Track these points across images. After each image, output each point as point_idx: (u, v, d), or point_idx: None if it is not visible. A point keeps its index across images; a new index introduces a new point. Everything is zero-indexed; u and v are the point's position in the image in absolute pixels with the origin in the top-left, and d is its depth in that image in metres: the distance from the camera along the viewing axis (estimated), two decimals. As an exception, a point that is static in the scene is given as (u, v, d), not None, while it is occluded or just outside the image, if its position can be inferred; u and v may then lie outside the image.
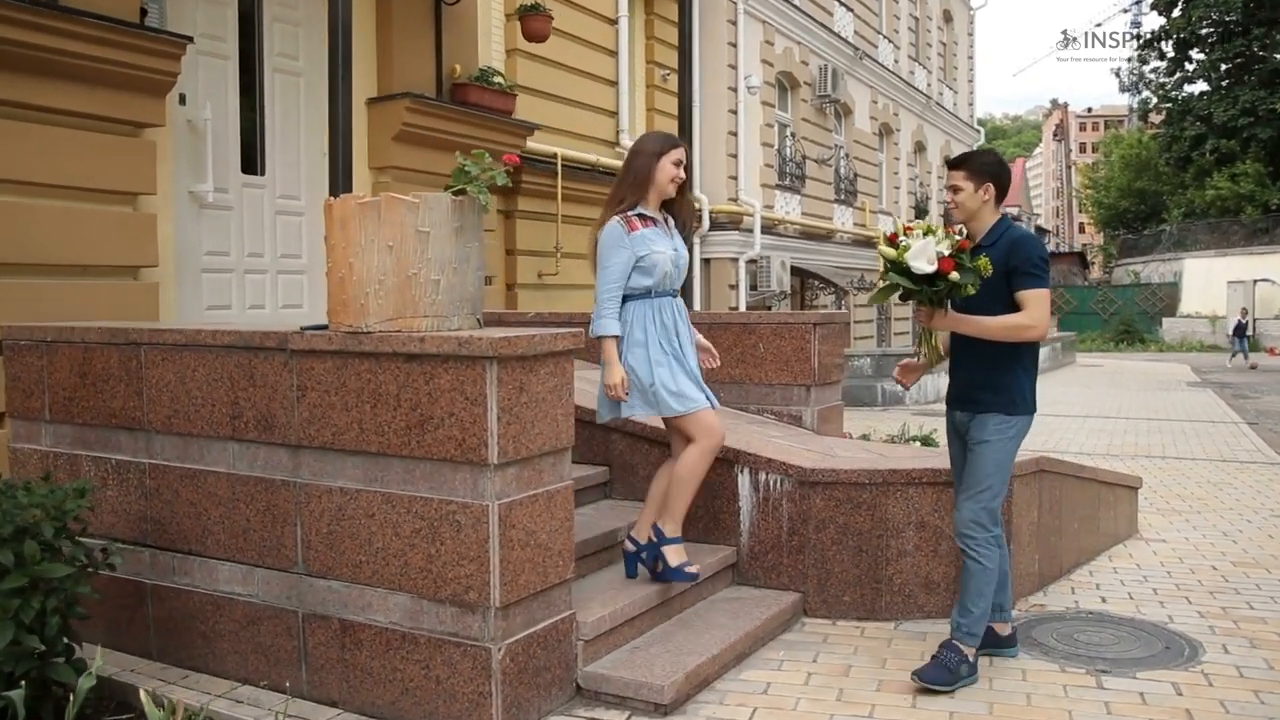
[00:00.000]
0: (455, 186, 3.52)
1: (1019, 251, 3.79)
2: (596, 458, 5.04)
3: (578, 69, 10.68)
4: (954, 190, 3.95)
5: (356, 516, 3.54)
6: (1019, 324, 3.78)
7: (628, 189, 4.08)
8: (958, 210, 3.97)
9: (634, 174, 4.07)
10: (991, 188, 3.91)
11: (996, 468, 3.86)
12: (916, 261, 3.58)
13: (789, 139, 17.06)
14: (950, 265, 3.60)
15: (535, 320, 6.46)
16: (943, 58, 26.56)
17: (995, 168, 3.95)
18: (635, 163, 4.09)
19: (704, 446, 4.05)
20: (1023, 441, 3.95)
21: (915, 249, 3.60)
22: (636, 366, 4.03)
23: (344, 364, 3.52)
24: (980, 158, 4.02)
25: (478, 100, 7.23)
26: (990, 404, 3.88)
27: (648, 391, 4.03)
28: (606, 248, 4.02)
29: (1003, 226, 3.93)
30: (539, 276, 10.09)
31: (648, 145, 4.13)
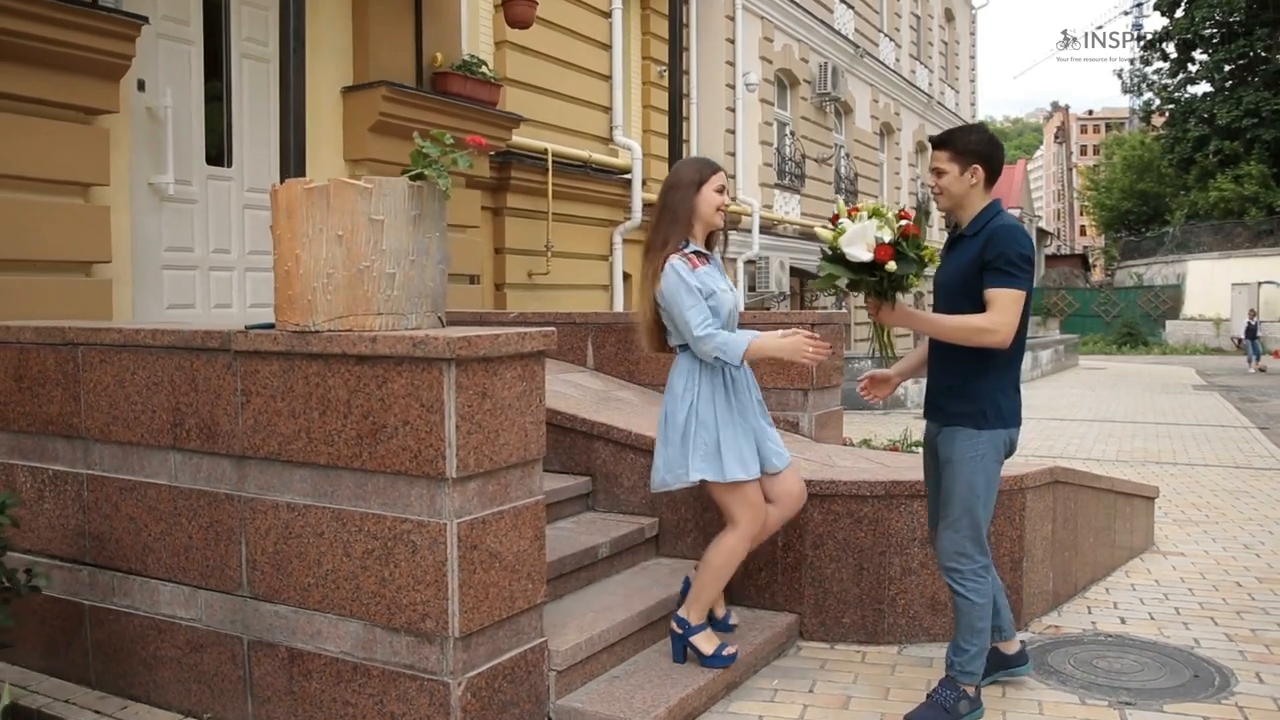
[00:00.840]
0: (413, 170, 3.18)
1: (994, 245, 3.33)
2: (577, 467, 4.71)
3: (569, 62, 10.35)
4: (937, 173, 3.50)
5: (305, 535, 3.20)
6: (978, 326, 3.32)
7: (668, 228, 3.61)
8: (942, 196, 3.51)
9: (673, 210, 3.62)
10: (980, 169, 3.44)
11: (969, 491, 3.42)
12: (852, 248, 3.19)
13: (788, 138, 16.74)
14: (888, 254, 3.18)
15: (518, 320, 6.13)
16: (944, 57, 26.25)
17: (984, 146, 3.46)
18: (673, 197, 3.64)
19: (743, 534, 3.62)
20: (1003, 459, 3.50)
21: (851, 233, 3.19)
22: (707, 420, 3.55)
23: (290, 367, 3.18)
24: (966, 135, 3.50)
25: (460, 90, 6.90)
26: (957, 415, 3.46)
27: (712, 451, 3.56)
28: (677, 290, 3.51)
29: (988, 215, 3.46)
30: (529, 276, 9.76)
31: (684, 176, 3.67)
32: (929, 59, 24.60)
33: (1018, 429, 3.52)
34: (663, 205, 3.66)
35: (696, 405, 3.56)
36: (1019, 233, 3.42)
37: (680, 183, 3.66)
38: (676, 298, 3.51)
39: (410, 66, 6.74)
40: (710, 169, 3.68)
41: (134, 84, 5.34)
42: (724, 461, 3.54)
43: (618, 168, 10.96)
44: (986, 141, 3.50)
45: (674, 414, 3.59)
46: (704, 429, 3.55)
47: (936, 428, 3.57)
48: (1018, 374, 3.54)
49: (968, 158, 3.44)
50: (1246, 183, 39.15)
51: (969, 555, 3.45)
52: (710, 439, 3.54)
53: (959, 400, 3.45)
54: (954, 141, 3.48)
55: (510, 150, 9.19)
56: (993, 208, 3.48)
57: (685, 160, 3.77)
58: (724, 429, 3.55)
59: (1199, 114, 42.71)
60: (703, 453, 3.54)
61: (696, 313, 3.48)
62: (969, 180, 3.45)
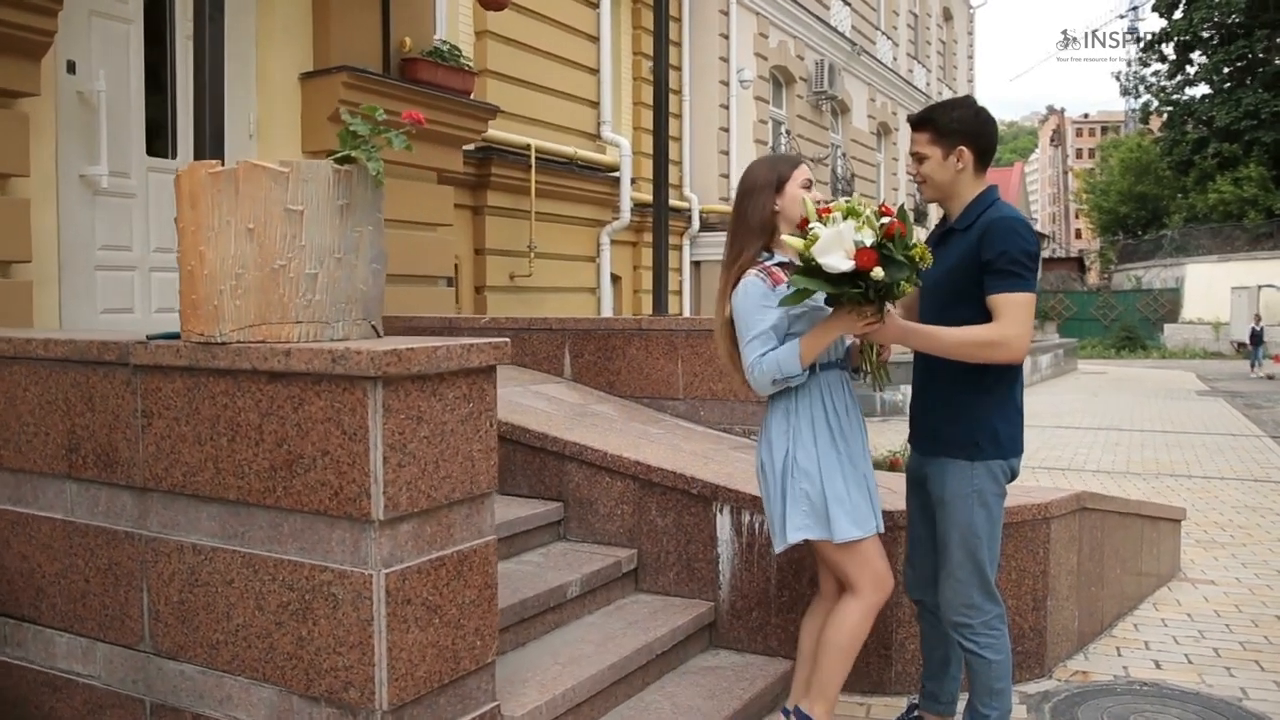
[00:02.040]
0: (340, 152, 2.69)
1: (993, 241, 2.82)
2: (548, 491, 4.22)
3: (555, 55, 9.88)
4: (918, 159, 3.01)
5: (213, 583, 2.71)
6: (986, 339, 2.81)
7: (747, 236, 3.04)
8: (926, 186, 3.03)
9: (749, 218, 3.05)
10: (966, 151, 2.93)
11: (969, 533, 2.92)
12: (828, 257, 2.63)
13: (784, 137, 16.27)
14: (871, 259, 2.62)
15: (490, 326, 5.64)
16: (942, 56, 25.81)
17: (970, 123, 2.95)
18: (749, 204, 3.07)
19: (869, 603, 3.00)
20: (1005, 489, 2.99)
21: (826, 239, 2.63)
22: (809, 469, 2.95)
23: (196, 384, 2.69)
24: (948, 111, 2.98)
25: (431, 78, 6.41)
26: (947, 444, 2.95)
27: (817, 505, 2.95)
28: (748, 310, 2.93)
29: (982, 205, 2.96)
30: (511, 278, 9.29)
31: (759, 178, 3.09)
32: (927, 58, 24.15)
33: (1019, 458, 3.03)
34: (738, 214, 3.11)
35: (794, 452, 2.96)
36: (1020, 225, 2.91)
37: (755, 186, 3.08)
38: (749, 317, 2.94)
39: (376, 52, 6.25)
40: (790, 164, 3.11)
41: (62, 65, 4.85)
42: (833, 518, 2.92)
43: (605, 165, 10.49)
44: (973, 117, 2.97)
45: (769, 464, 3.01)
46: (806, 479, 2.94)
47: (922, 459, 3.06)
48: (1020, 393, 3.02)
49: (951, 138, 2.94)
50: (1246, 185, 38.78)
51: (977, 606, 2.96)
52: (815, 491, 2.93)
53: (950, 426, 2.95)
54: (934, 120, 2.96)
55: (491, 145, 8.72)
56: (987, 196, 2.99)
57: (759, 161, 3.22)
58: (830, 478, 2.94)
59: (1198, 116, 42.39)
60: (805, 508, 2.94)
61: (758, 344, 2.90)
62: (954, 165, 2.95)
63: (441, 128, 6.62)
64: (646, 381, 5.21)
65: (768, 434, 3.04)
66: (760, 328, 2.91)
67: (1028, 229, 2.94)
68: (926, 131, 2.97)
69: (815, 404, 2.98)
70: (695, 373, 5.08)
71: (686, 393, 5.12)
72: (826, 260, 2.64)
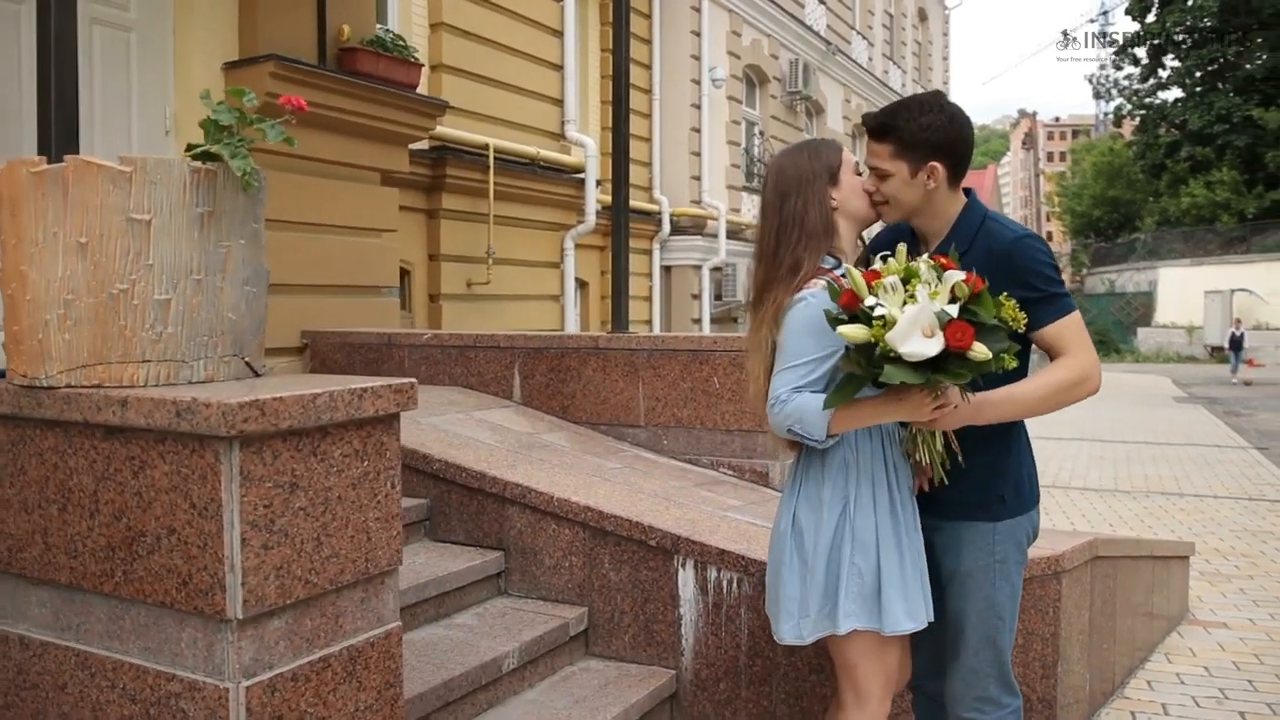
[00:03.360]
0: (200, 148, 2.16)
1: (1018, 262, 2.31)
2: (487, 539, 3.69)
3: (516, 50, 9.33)
4: (878, 175, 2.40)
5: (43, 686, 2.16)
6: (1071, 380, 2.31)
7: (804, 243, 2.37)
8: (887, 209, 2.44)
9: (801, 221, 2.39)
10: (940, 168, 2.36)
11: (989, 613, 2.42)
12: (911, 344, 1.98)
13: (757, 138, 15.79)
14: (968, 334, 1.98)
15: (432, 343, 5.10)
16: (917, 57, 25.44)
17: (944, 132, 2.35)
18: (795, 204, 2.41)
19: (874, 715, 2.44)
20: (1027, 554, 2.50)
21: (904, 324, 1.98)
22: (866, 540, 2.34)
23: (20, 437, 2.15)
24: (914, 117, 2.35)
25: (372, 69, 5.86)
26: (963, 504, 2.41)
27: (869, 588, 2.35)
28: (801, 329, 2.30)
29: (972, 221, 2.41)
30: (468, 286, 8.73)
31: (802, 169, 2.44)
32: (902, 59, 23.77)
33: (1038, 507, 2.54)
34: (779, 220, 2.42)
35: (854, 518, 2.35)
36: (1029, 236, 2.40)
37: (801, 180, 2.42)
38: (788, 339, 2.31)
39: (311, 40, 5.69)
40: (835, 150, 2.50)
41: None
42: (885, 605, 2.33)
43: (569, 166, 9.95)
44: (946, 123, 2.36)
45: (813, 529, 2.38)
46: (862, 554, 2.34)
47: (928, 523, 2.48)
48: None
49: (919, 152, 2.35)
50: (1218, 189, 38.76)
51: (993, 700, 2.46)
52: (869, 570, 2.34)
53: (968, 484, 2.40)
54: (897, 129, 2.36)
55: (445, 144, 8.17)
56: (974, 211, 2.45)
57: (792, 153, 2.52)
58: (887, 555, 2.34)
59: (1170, 119, 42.36)
60: (857, 590, 2.34)
61: (795, 376, 2.28)
62: (925, 184, 2.37)
63: (384, 124, 6.07)
64: (604, 406, 4.69)
65: (813, 490, 2.38)
66: (806, 355, 2.28)
67: (1037, 236, 2.44)
68: (888, 143, 2.38)
69: (878, 459, 2.38)
70: (658, 397, 4.57)
71: (648, 419, 4.60)
72: (910, 348, 1.98)
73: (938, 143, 2.35)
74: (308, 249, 5.72)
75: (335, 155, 5.83)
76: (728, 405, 4.43)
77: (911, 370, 2.00)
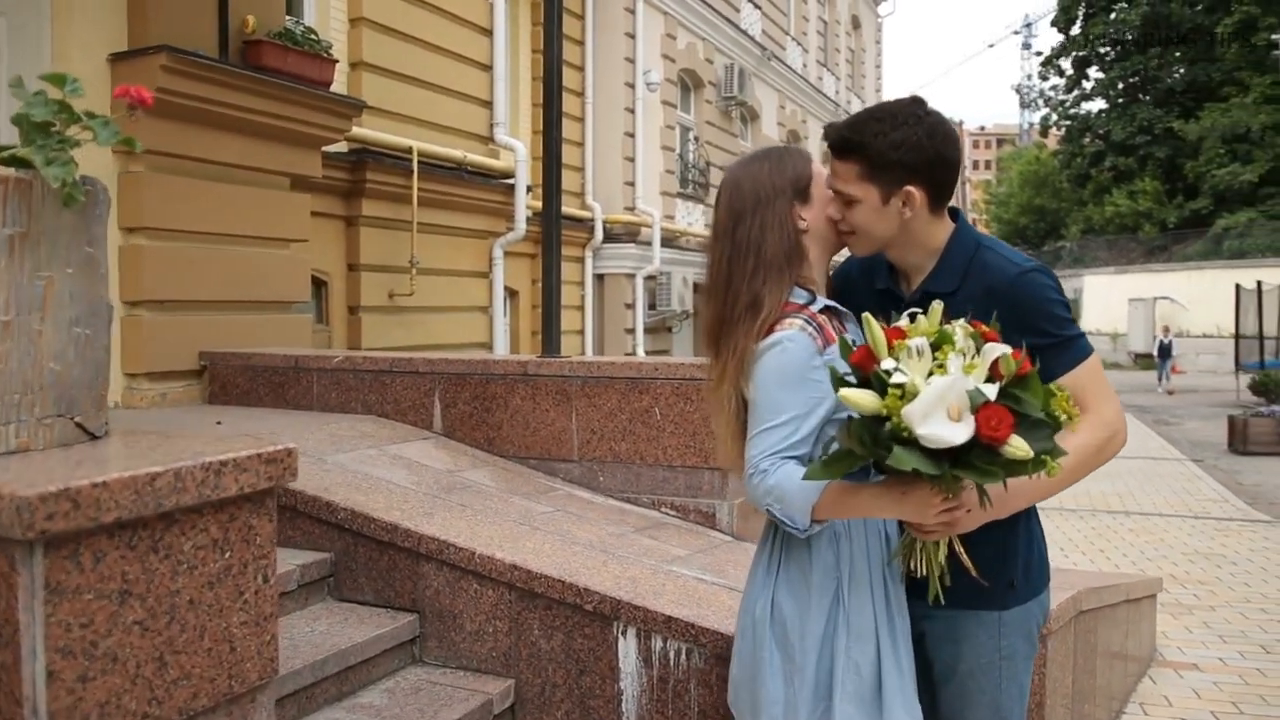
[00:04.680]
0: (8, 150, 1.69)
1: (1025, 302, 1.93)
2: (400, 599, 3.23)
3: (442, 48, 8.84)
4: (845, 202, 1.97)
5: None
6: (1099, 441, 1.92)
7: (765, 274, 1.95)
8: (854, 240, 2.02)
9: (759, 248, 1.96)
10: (917, 194, 1.94)
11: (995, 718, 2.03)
12: (932, 425, 1.56)
13: (692, 143, 15.46)
14: (1004, 426, 1.56)
15: (344, 366, 4.61)
16: (851, 65, 25.37)
17: (921, 150, 1.92)
18: (752, 226, 1.98)
19: None
20: (1037, 647, 2.11)
21: (927, 398, 1.56)
22: (863, 631, 1.94)
23: None
24: (887, 132, 1.91)
25: (279, 64, 5.35)
26: (966, 590, 1.94)
27: (867, 685, 1.93)
28: (779, 379, 1.89)
29: (963, 251, 2.01)
30: (390, 297, 8.22)
31: (762, 183, 2.00)
32: (836, 66, 23.66)
33: (1049, 587, 2.15)
34: (733, 249, 1.98)
35: (848, 602, 1.94)
36: (1037, 270, 1.99)
37: (760, 198, 1.99)
38: (764, 393, 1.89)
39: (211, 31, 5.17)
40: (803, 159, 2.06)
41: None
42: (886, 705, 1.93)
43: (499, 171, 9.48)
44: (924, 138, 1.92)
45: (797, 618, 1.95)
46: (859, 646, 1.93)
47: (924, 612, 2.02)
48: None
49: (892, 174, 1.92)
50: (1140, 198, 39.55)
51: None
52: (869, 664, 1.93)
53: (978, 567, 1.94)
54: (864, 146, 1.92)
55: (366, 147, 7.67)
56: (964, 236, 2.03)
57: (751, 162, 2.07)
58: (887, 648, 1.95)
59: (1094, 130, 43.16)
60: (854, 689, 1.92)
61: (778, 436, 1.85)
62: (899, 212, 1.95)
63: (294, 125, 5.56)
64: (534, 438, 4.26)
65: (798, 569, 1.96)
66: (786, 412, 1.85)
67: (1045, 270, 2.02)
68: (853, 162, 1.94)
69: (873, 527, 1.98)
70: (593, 429, 4.15)
71: (582, 453, 4.18)
72: (929, 431, 1.56)
73: (914, 163, 1.92)
74: (207, 262, 5.20)
75: (238, 158, 5.31)
76: (670, 438, 4.03)
77: (927, 458, 1.57)
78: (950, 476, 1.60)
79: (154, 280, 4.95)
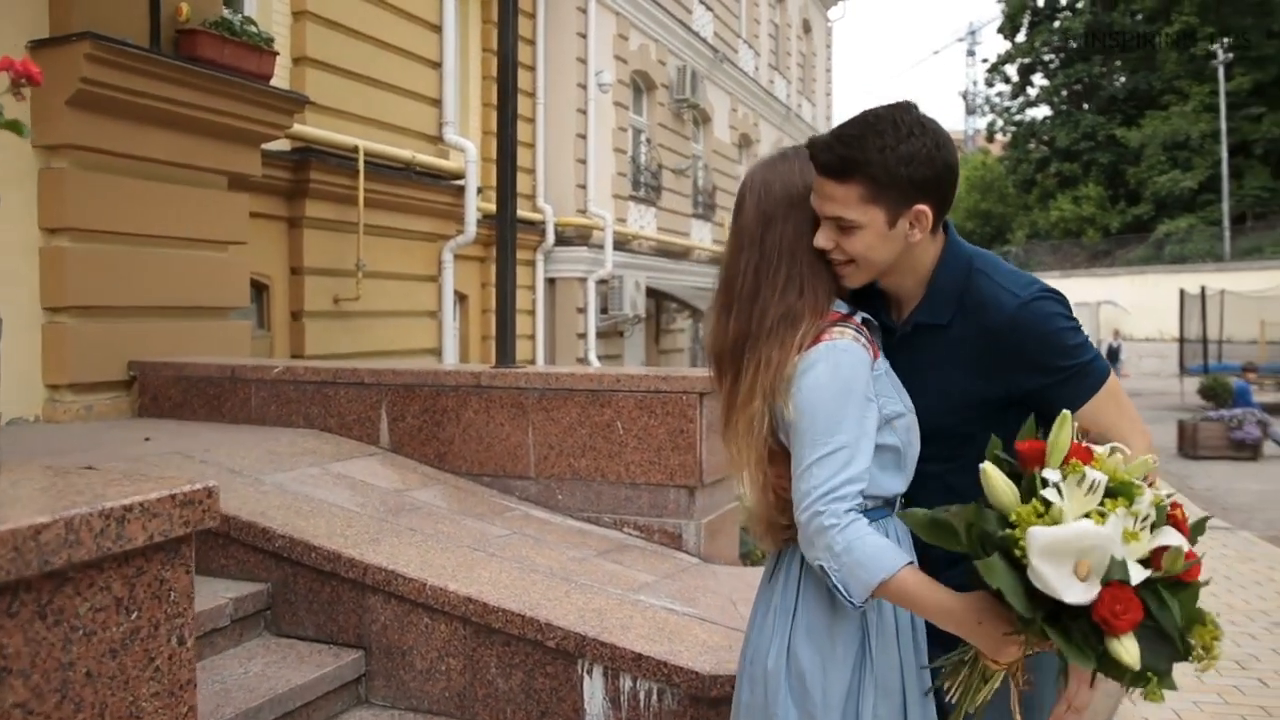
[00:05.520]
0: None
1: (1028, 338, 1.70)
2: (344, 634, 2.97)
3: (390, 44, 8.54)
4: (843, 229, 1.70)
5: None
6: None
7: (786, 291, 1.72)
8: (851, 270, 1.74)
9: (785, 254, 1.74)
10: (928, 212, 1.70)
11: None
12: (1050, 565, 1.33)
13: (644, 145, 15.25)
14: (1126, 617, 1.32)
15: (284, 378, 4.33)
16: (802, 69, 25.35)
17: (931, 164, 1.68)
18: (779, 233, 1.75)
19: None
20: None
21: (1064, 534, 1.34)
22: (890, 685, 1.71)
23: None
24: (892, 145, 1.65)
25: (216, 56, 5.04)
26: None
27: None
28: (837, 394, 1.65)
29: (953, 276, 1.78)
30: (335, 302, 7.91)
31: (793, 184, 1.77)
32: (787, 69, 23.61)
33: None
34: (761, 257, 1.75)
35: (874, 653, 1.72)
36: (1029, 289, 1.76)
37: (794, 199, 1.76)
38: (819, 410, 1.64)
39: (142, 18, 4.84)
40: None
41: None
42: None
43: (448, 172, 9.21)
44: (934, 149, 1.68)
45: (821, 672, 1.70)
46: (886, 703, 1.71)
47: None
48: None
49: (899, 192, 1.68)
50: (1084, 204, 40.10)
51: None
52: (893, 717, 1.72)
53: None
54: (868, 164, 1.66)
55: (310, 146, 7.36)
56: (954, 256, 1.80)
57: (775, 161, 1.84)
58: (914, 704, 1.73)
59: (1039, 136, 43.72)
60: None
61: (833, 461, 1.61)
62: (904, 235, 1.72)
63: (231, 120, 5.25)
64: (488, 454, 4.01)
65: (820, 615, 1.73)
66: (846, 431, 1.62)
67: (1056, 297, 1.78)
68: (856, 183, 1.67)
69: None
70: (551, 444, 3.91)
71: (539, 470, 3.94)
72: (1043, 567, 1.33)
73: (924, 179, 1.68)
74: (136, 265, 4.88)
75: (171, 155, 4.99)
76: (634, 454, 3.81)
77: (1022, 592, 1.35)
78: (1040, 627, 1.36)
79: (79, 285, 4.63)
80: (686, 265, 16.63)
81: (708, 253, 17.66)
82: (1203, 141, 36.57)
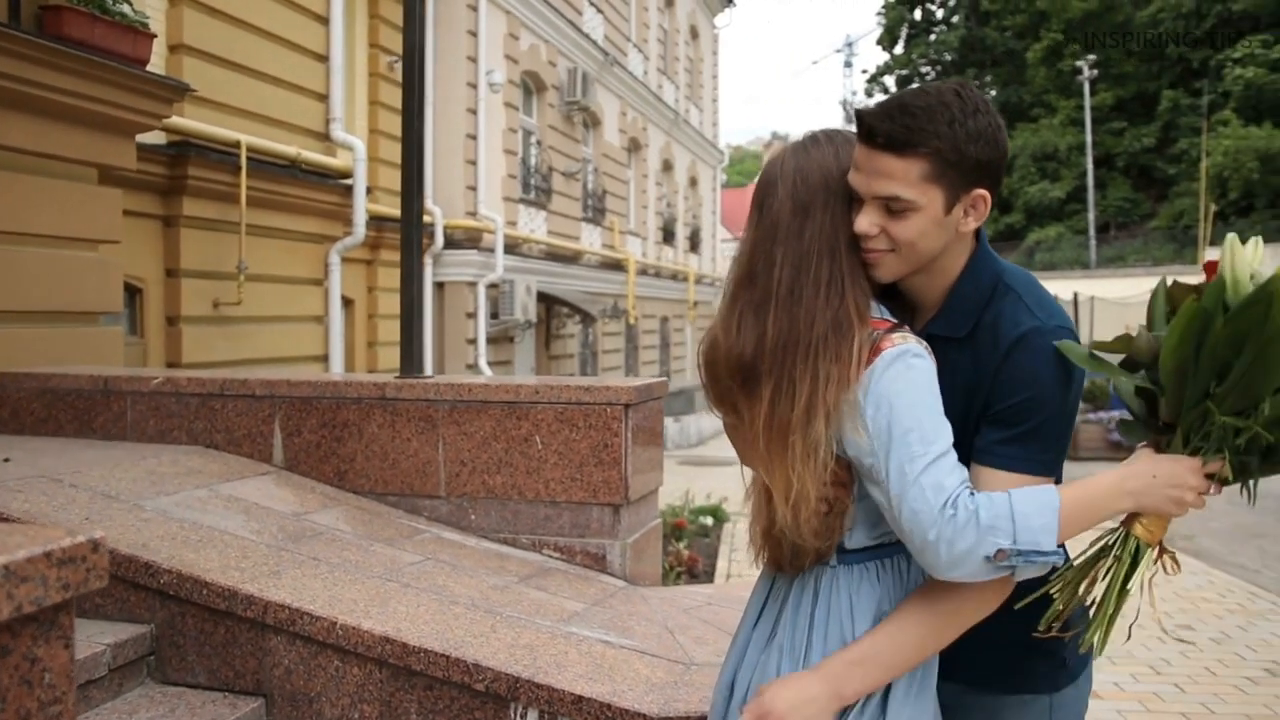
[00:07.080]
0: None
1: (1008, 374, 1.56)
2: (242, 681, 2.65)
3: (274, 34, 8.10)
4: (893, 211, 1.53)
5: None
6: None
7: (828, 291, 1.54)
8: (892, 260, 1.56)
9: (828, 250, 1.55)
10: (987, 197, 1.56)
11: None
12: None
13: (534, 147, 14.99)
14: None
15: (165, 389, 3.94)
16: (689, 74, 25.41)
17: (995, 144, 1.54)
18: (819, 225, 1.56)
19: None
20: None
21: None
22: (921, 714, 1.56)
23: None
24: (961, 119, 1.50)
25: (85, 36, 4.59)
26: (1016, 670, 1.65)
27: None
28: (923, 403, 1.49)
29: (978, 286, 1.61)
30: (215, 307, 7.44)
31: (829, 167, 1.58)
32: (675, 75, 23.61)
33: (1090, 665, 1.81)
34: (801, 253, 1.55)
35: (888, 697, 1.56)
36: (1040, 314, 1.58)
37: (832, 188, 1.56)
38: (913, 419, 1.47)
39: (0, -6, 4.39)
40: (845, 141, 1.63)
41: None
42: None
43: (336, 170, 8.79)
44: (997, 129, 1.54)
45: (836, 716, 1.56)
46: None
47: (956, 689, 1.67)
48: None
49: (964, 173, 1.52)
50: (960, 213, 41.46)
51: None
52: None
53: (1013, 640, 1.61)
54: (935, 136, 1.49)
55: (188, 139, 6.90)
56: (983, 264, 1.63)
57: (805, 145, 1.63)
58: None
59: (917, 146, 45.16)
60: None
61: (943, 464, 1.46)
62: (958, 224, 1.56)
63: (102, 107, 4.80)
64: (393, 471, 3.71)
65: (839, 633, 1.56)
66: (943, 438, 1.47)
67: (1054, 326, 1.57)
68: (918, 159, 1.50)
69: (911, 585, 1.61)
70: (463, 460, 3.64)
71: (450, 488, 3.66)
72: None
73: (988, 161, 1.53)
74: (-7, 265, 4.42)
75: (32, 143, 4.54)
76: (553, 470, 3.56)
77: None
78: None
79: (-74, 287, 4.16)
80: (577, 269, 16.41)
81: (598, 257, 17.48)
82: (1069, 153, 38.14)
